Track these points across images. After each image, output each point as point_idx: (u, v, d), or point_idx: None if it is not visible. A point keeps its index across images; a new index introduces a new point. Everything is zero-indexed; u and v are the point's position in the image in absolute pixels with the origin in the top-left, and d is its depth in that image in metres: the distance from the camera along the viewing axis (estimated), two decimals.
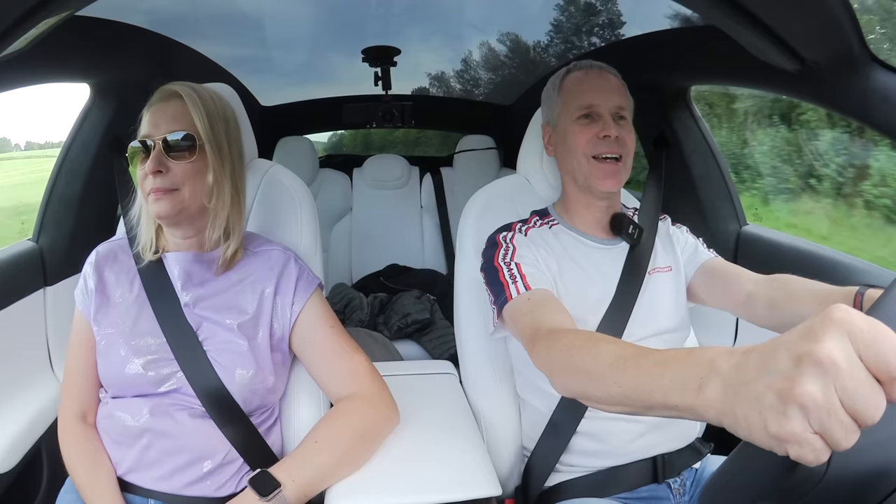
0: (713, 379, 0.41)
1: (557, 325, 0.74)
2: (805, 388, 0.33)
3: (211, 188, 0.84)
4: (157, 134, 0.82)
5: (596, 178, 0.92)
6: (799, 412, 0.34)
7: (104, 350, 0.85)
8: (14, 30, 0.65)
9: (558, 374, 0.65)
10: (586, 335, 0.66)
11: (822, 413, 0.33)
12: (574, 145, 0.93)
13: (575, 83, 0.96)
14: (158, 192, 0.81)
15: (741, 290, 0.89)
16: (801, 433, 0.34)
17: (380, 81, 2.20)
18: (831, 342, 0.33)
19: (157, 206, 0.82)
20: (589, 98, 0.93)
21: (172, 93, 0.85)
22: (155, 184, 0.81)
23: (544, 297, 0.82)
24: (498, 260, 0.89)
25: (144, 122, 0.84)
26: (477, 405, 1.03)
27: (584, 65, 0.98)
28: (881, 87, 0.83)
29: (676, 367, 0.46)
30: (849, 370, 0.33)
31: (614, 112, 0.92)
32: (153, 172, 0.81)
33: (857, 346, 0.33)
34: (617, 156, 0.91)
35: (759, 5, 0.73)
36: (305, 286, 0.89)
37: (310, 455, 0.80)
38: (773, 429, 0.35)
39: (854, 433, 0.33)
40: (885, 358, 0.33)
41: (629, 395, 0.51)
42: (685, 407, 0.44)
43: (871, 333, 0.33)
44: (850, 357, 0.33)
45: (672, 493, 0.91)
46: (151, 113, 0.84)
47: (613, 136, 0.90)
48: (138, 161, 0.84)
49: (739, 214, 1.41)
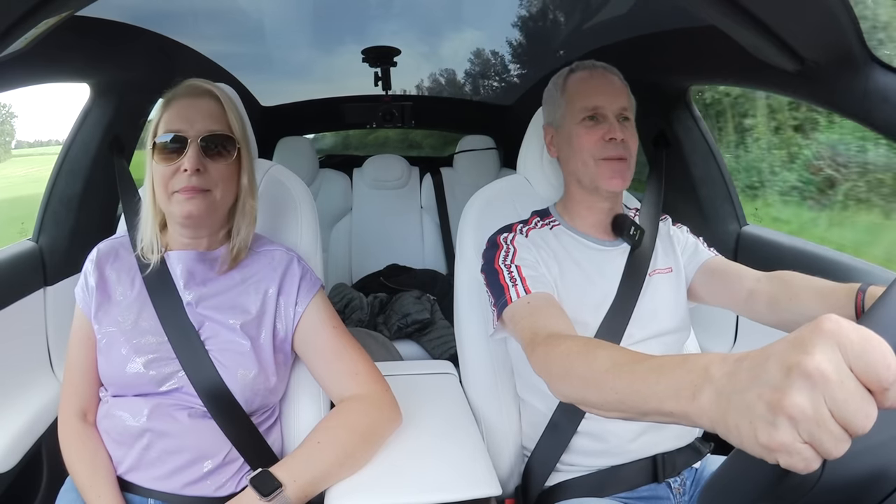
0: (706, 386, 0.42)
1: (556, 330, 0.74)
2: (794, 399, 0.34)
3: (247, 189, 0.86)
4: (193, 131, 0.80)
5: (603, 178, 0.91)
6: (788, 423, 0.34)
7: (105, 348, 0.84)
8: (14, 30, 0.65)
9: (556, 379, 0.66)
10: (584, 341, 0.67)
11: (811, 424, 0.33)
12: (580, 147, 0.93)
13: (579, 84, 0.96)
14: (190, 192, 0.79)
15: (742, 287, 0.89)
16: (790, 443, 0.34)
17: (380, 81, 2.20)
18: (821, 354, 0.34)
19: (188, 206, 0.79)
20: (594, 100, 0.92)
21: (204, 90, 0.84)
22: (190, 182, 0.79)
23: (544, 301, 0.82)
24: (498, 262, 0.89)
25: (170, 116, 0.82)
26: (477, 405, 1.03)
27: (588, 65, 0.97)
28: (881, 87, 0.83)
29: (671, 374, 0.47)
30: (838, 381, 0.33)
31: (619, 113, 0.92)
32: (193, 171, 0.79)
33: (847, 356, 0.34)
34: (622, 157, 0.91)
35: (759, 5, 0.73)
36: (309, 287, 0.89)
37: (312, 455, 0.80)
38: (763, 439, 0.35)
39: (845, 442, 0.33)
40: (875, 368, 0.33)
41: (625, 400, 0.52)
42: (680, 413, 0.45)
43: (861, 344, 0.33)
44: (840, 368, 0.33)
45: (672, 492, 0.91)
46: (180, 108, 0.82)
47: (619, 138, 0.90)
48: (160, 158, 0.81)
49: (739, 214, 1.41)
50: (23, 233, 1.35)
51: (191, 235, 0.86)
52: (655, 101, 1.43)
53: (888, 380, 0.33)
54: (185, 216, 0.81)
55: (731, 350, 1.33)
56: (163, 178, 0.81)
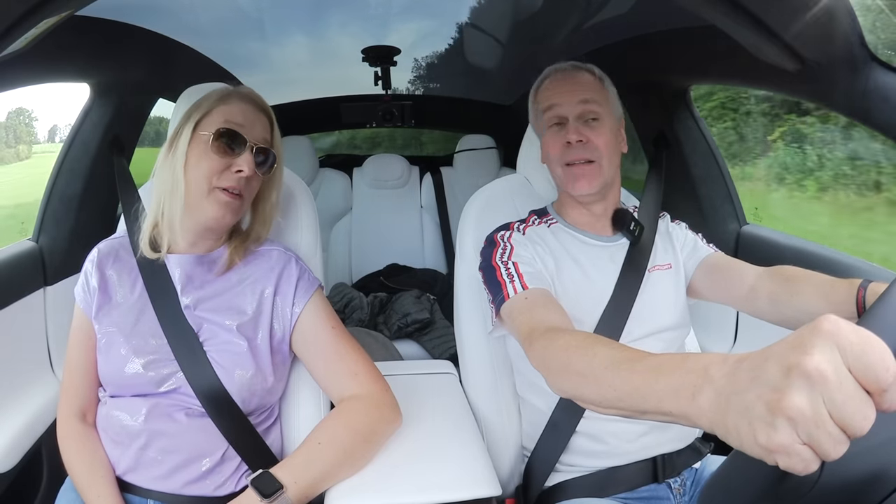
0: (706, 387, 0.41)
1: (554, 324, 0.74)
2: (793, 400, 0.34)
3: (274, 205, 0.90)
4: (251, 136, 0.82)
5: (569, 184, 0.93)
6: (787, 424, 0.34)
7: (104, 348, 0.84)
8: (14, 30, 0.65)
9: (554, 373, 0.65)
10: (583, 336, 0.66)
11: (810, 425, 0.33)
12: (550, 155, 0.94)
13: (544, 91, 0.97)
14: (233, 195, 0.81)
15: (743, 284, 0.88)
16: (790, 444, 0.34)
17: (380, 81, 2.20)
18: (820, 354, 0.34)
19: (223, 208, 0.81)
20: (554, 104, 0.93)
21: (256, 101, 0.86)
22: (239, 184, 0.80)
23: (541, 297, 0.82)
24: (496, 259, 0.89)
25: (231, 111, 0.82)
26: (477, 405, 1.03)
27: (558, 68, 0.97)
28: (881, 87, 0.83)
29: (671, 374, 0.46)
30: (837, 382, 0.33)
31: (581, 114, 0.91)
32: (251, 173, 0.80)
33: (846, 357, 0.34)
34: (587, 160, 0.91)
35: (759, 5, 0.73)
36: (306, 287, 0.89)
37: (313, 456, 0.80)
38: (762, 440, 0.35)
39: (843, 444, 0.33)
40: (873, 370, 0.33)
41: (624, 398, 0.52)
42: (679, 413, 0.45)
43: (861, 345, 0.33)
44: (839, 369, 0.33)
45: (672, 492, 0.91)
46: (240, 108, 0.83)
47: (576, 140, 0.90)
48: (216, 148, 0.80)
49: (739, 214, 1.41)
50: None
51: (199, 237, 0.87)
52: (655, 101, 1.43)
53: (886, 381, 0.33)
54: (216, 217, 0.81)
55: (731, 348, 1.34)
56: (209, 170, 0.80)
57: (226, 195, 0.80)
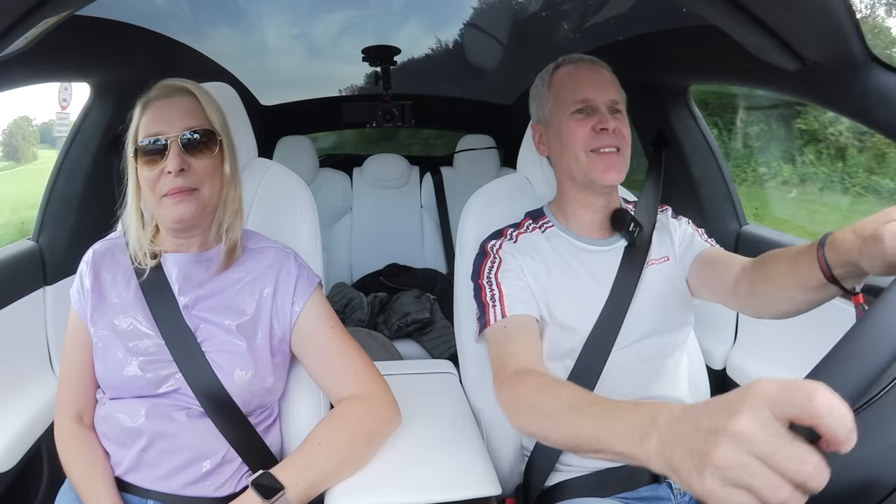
0: (653, 433, 0.46)
1: (523, 364, 0.79)
2: (719, 455, 0.37)
3: (229, 179, 0.85)
4: (173, 131, 0.80)
5: (597, 172, 0.89)
6: (714, 473, 0.37)
7: (101, 352, 0.84)
8: (14, 30, 0.65)
9: (519, 414, 0.73)
10: (550, 380, 0.73)
11: (741, 474, 0.36)
12: (571, 141, 0.90)
13: (566, 77, 0.94)
14: (180, 194, 0.79)
15: (730, 277, 0.86)
16: (717, 490, 0.37)
17: (380, 81, 2.20)
18: (746, 415, 0.37)
19: (179, 209, 0.79)
20: (583, 92, 0.91)
21: (178, 88, 0.83)
22: (176, 183, 0.78)
23: (519, 326, 0.85)
24: (483, 276, 0.90)
25: (148, 119, 0.81)
26: (477, 405, 1.03)
27: (574, 58, 0.96)
28: (881, 87, 0.83)
29: (624, 418, 0.51)
30: (763, 437, 0.36)
31: (609, 105, 0.91)
32: (177, 172, 0.78)
33: (776, 411, 0.36)
34: (616, 148, 0.89)
35: (759, 5, 0.73)
36: (305, 286, 0.88)
37: (313, 457, 0.80)
38: (696, 486, 0.39)
39: (784, 488, 0.35)
40: (801, 406, 0.35)
41: (581, 437, 0.58)
42: (630, 455, 0.49)
43: (785, 394, 0.36)
44: (766, 425, 0.36)
45: (673, 492, 0.91)
46: (157, 109, 0.81)
47: (612, 128, 0.88)
48: (143, 162, 0.80)
49: (739, 214, 1.41)
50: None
51: (184, 237, 0.86)
52: (655, 101, 1.43)
53: (819, 412, 0.34)
54: (176, 220, 0.80)
55: (731, 348, 1.33)
56: (149, 182, 0.80)
57: (172, 198, 0.79)
